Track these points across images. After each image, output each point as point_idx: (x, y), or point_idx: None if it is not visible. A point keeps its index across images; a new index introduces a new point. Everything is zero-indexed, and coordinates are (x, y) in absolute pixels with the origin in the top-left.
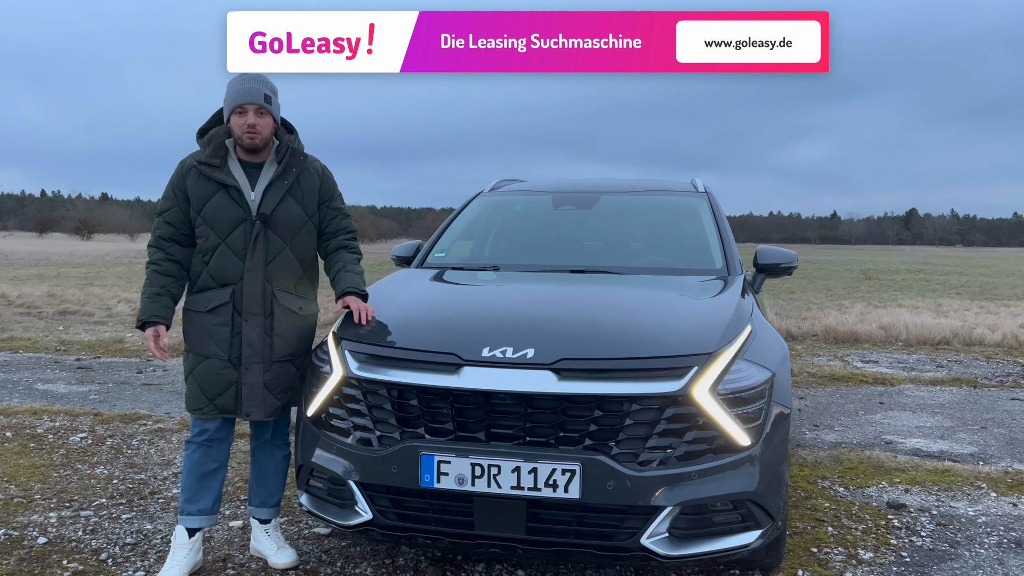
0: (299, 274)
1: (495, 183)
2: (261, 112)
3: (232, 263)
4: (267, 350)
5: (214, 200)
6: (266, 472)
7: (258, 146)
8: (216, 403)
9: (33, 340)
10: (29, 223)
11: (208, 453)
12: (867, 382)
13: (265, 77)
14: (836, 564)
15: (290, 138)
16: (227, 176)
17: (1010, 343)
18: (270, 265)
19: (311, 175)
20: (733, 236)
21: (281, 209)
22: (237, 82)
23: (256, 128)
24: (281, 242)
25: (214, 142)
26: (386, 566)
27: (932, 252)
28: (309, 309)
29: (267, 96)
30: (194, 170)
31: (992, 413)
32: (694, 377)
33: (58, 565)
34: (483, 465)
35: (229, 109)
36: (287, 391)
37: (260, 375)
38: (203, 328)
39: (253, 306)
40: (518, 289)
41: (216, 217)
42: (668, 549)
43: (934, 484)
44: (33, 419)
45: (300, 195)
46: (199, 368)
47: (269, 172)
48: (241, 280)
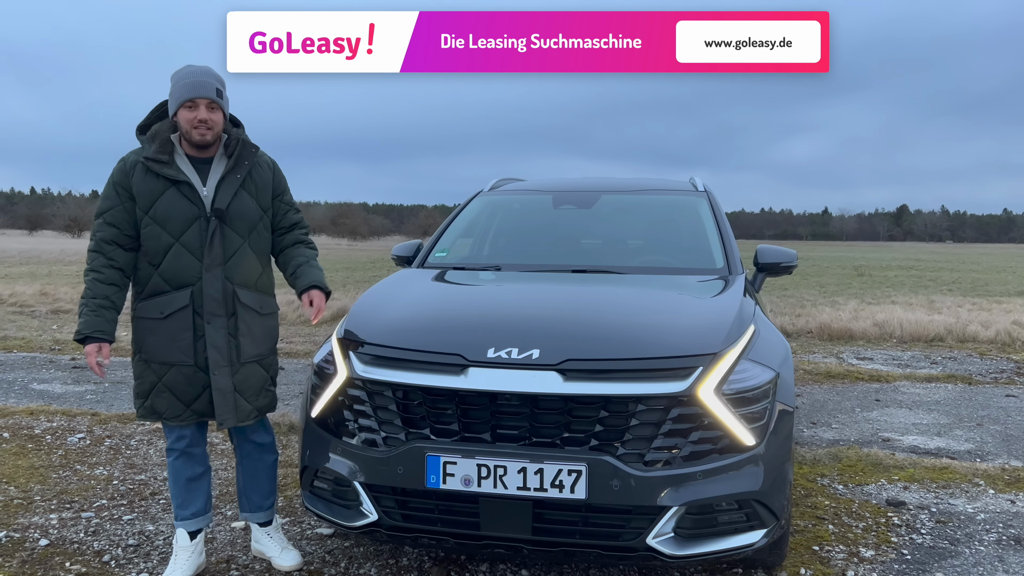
0: (258, 271)
1: (495, 182)
2: (212, 106)
3: (188, 263)
4: (233, 352)
5: (164, 198)
6: (256, 477)
7: (209, 142)
8: (194, 408)
9: (27, 339)
10: (19, 221)
11: (191, 459)
12: (863, 379)
13: (213, 69)
14: (838, 562)
15: (238, 132)
16: (177, 172)
17: (1003, 340)
18: (229, 263)
19: (263, 169)
20: (733, 234)
21: (236, 204)
22: (185, 75)
23: (208, 123)
24: (239, 238)
25: (159, 137)
26: (390, 566)
27: (923, 248)
28: (271, 307)
29: (218, 90)
30: (140, 167)
31: (987, 410)
32: (699, 377)
33: (61, 567)
34: (489, 466)
35: (177, 103)
36: (258, 394)
37: (228, 378)
38: (163, 335)
39: (215, 307)
40: (521, 289)
41: (168, 215)
42: (674, 549)
43: (932, 481)
44: (30, 420)
45: (254, 189)
46: (168, 376)
47: (220, 166)
48: (199, 280)
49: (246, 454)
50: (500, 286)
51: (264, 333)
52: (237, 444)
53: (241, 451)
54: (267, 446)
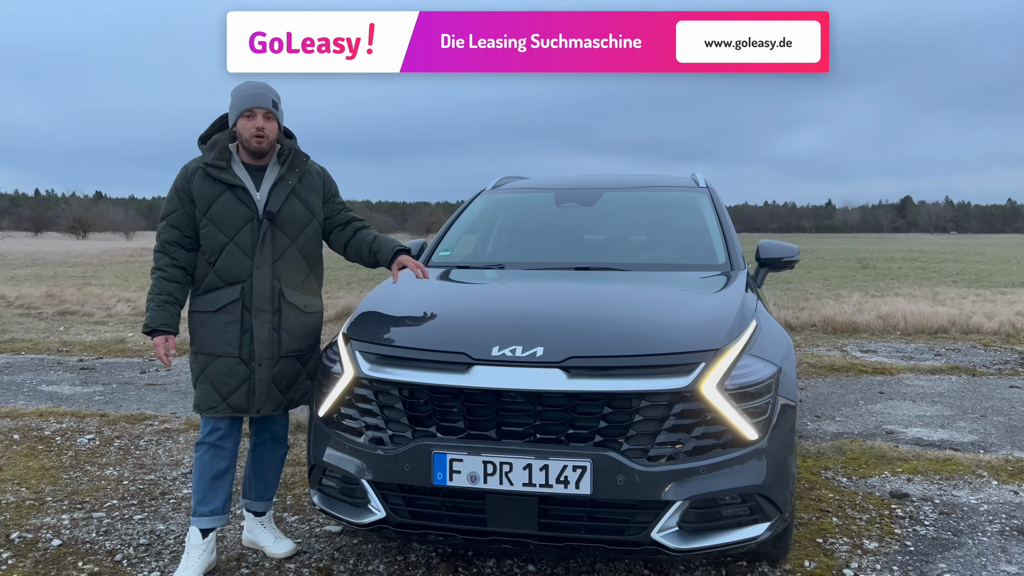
0: (305, 272)
1: (497, 181)
2: (269, 116)
3: (240, 261)
4: (275, 346)
5: (221, 200)
6: (265, 468)
7: (264, 149)
8: (229, 401)
9: (35, 341)
10: (24, 223)
11: (220, 453)
12: (867, 372)
13: (269, 84)
14: (842, 554)
15: (291, 142)
16: (233, 177)
17: (1007, 331)
18: (277, 262)
19: (313, 176)
20: (735, 230)
21: (287, 207)
22: (246, 88)
23: (264, 131)
24: (287, 240)
25: (218, 146)
26: (398, 563)
27: (927, 239)
28: (315, 306)
29: (275, 102)
30: (200, 172)
31: (991, 401)
32: (702, 373)
33: (74, 567)
34: (495, 463)
35: (238, 113)
36: (291, 387)
37: (268, 370)
38: (212, 327)
39: (262, 303)
40: (525, 287)
41: (223, 216)
42: (678, 543)
43: (936, 473)
44: (40, 421)
45: (304, 195)
46: (211, 367)
47: (273, 173)
48: (250, 277)
49: (260, 443)
50: (503, 284)
51: (304, 331)
52: (254, 432)
53: (256, 439)
54: (280, 440)
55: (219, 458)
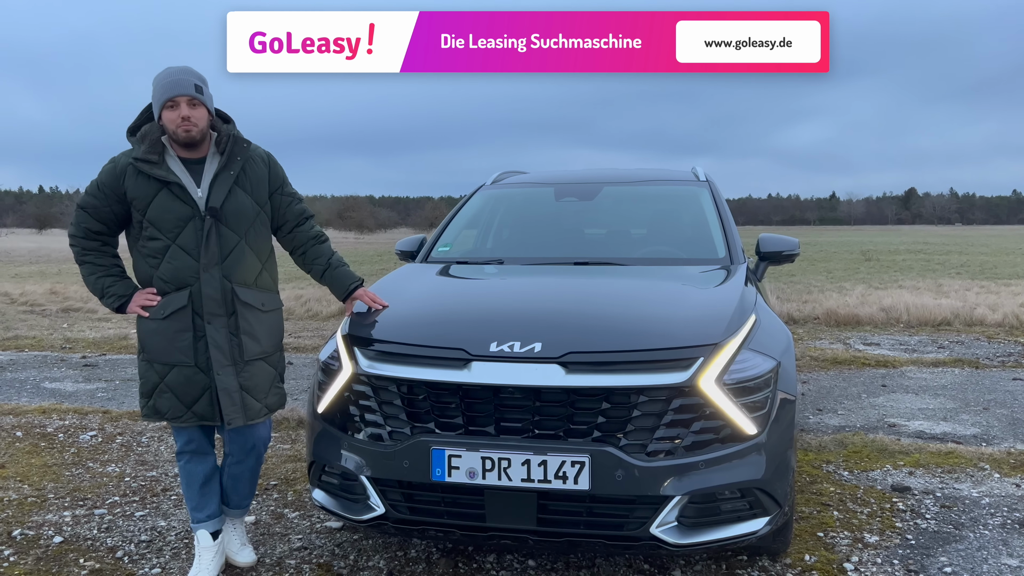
0: (257, 268)
1: (497, 175)
2: (194, 103)
3: (186, 264)
4: (236, 351)
5: (157, 199)
6: (240, 480)
7: (195, 139)
8: (194, 410)
9: (38, 338)
10: (28, 220)
11: (202, 459)
12: (869, 365)
13: (192, 68)
14: (842, 548)
15: (228, 127)
16: (167, 172)
17: (1011, 323)
18: (226, 261)
19: (257, 164)
20: (735, 223)
21: (231, 201)
22: (164, 76)
23: (191, 120)
24: (235, 236)
25: (149, 138)
26: (398, 559)
27: (931, 231)
28: (273, 303)
29: (197, 86)
30: (131, 168)
31: (994, 394)
32: (700, 368)
33: (75, 564)
34: (493, 458)
35: (159, 104)
36: (268, 392)
37: (234, 378)
38: (163, 336)
39: (214, 306)
40: (524, 283)
41: (161, 217)
42: (677, 538)
43: (938, 466)
44: (42, 418)
45: (248, 185)
46: (170, 377)
47: (213, 165)
48: (198, 280)
49: (233, 452)
50: (502, 280)
51: (267, 330)
52: (227, 440)
53: (231, 446)
54: (258, 453)
55: (202, 464)
